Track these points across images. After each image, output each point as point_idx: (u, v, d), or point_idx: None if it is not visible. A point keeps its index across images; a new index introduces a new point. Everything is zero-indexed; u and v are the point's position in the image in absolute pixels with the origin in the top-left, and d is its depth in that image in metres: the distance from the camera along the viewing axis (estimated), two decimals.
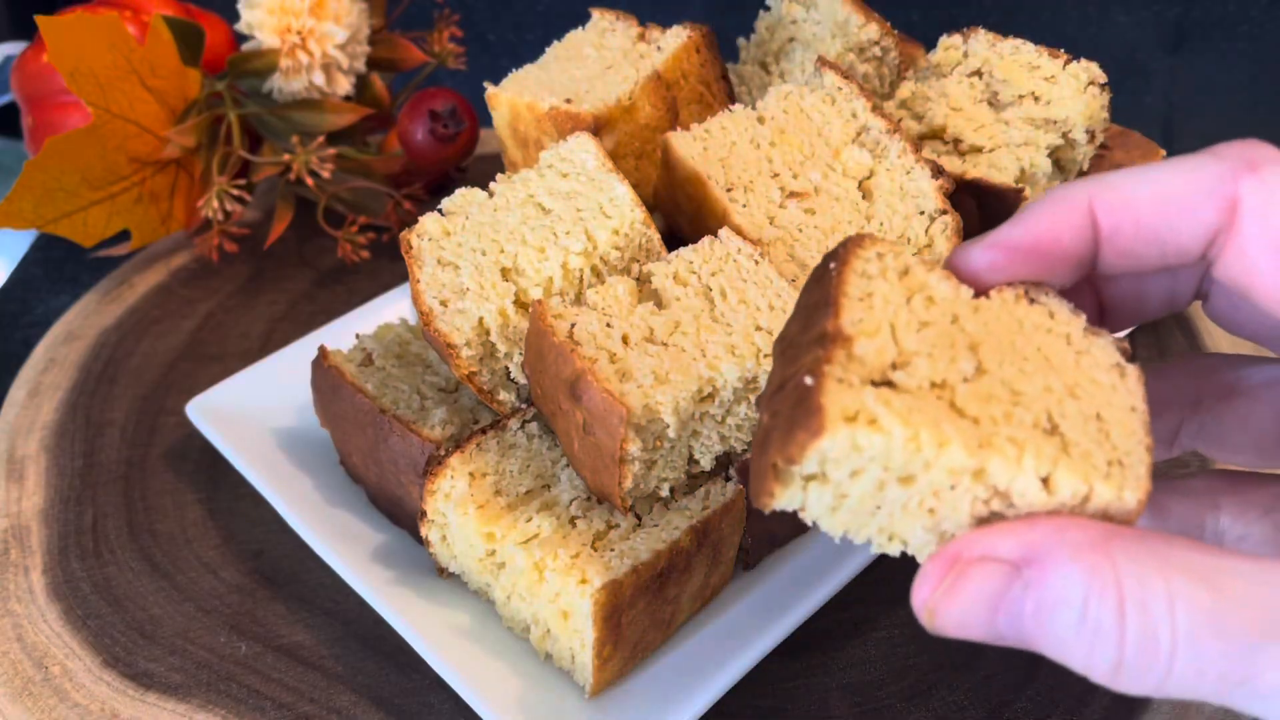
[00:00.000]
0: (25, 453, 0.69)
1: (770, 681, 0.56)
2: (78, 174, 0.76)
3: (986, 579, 0.32)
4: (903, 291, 0.36)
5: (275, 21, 0.80)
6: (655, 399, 0.49)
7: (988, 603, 0.32)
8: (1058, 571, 0.31)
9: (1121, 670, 0.31)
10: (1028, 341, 0.36)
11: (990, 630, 0.33)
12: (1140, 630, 0.30)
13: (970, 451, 0.32)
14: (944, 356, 0.35)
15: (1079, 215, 0.37)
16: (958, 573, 0.33)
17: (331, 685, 0.56)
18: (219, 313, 0.81)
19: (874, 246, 0.37)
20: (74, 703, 0.55)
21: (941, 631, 0.33)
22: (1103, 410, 0.35)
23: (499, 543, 0.53)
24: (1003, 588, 0.32)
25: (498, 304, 0.55)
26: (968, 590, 0.32)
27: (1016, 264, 0.38)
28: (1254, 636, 0.29)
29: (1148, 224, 0.36)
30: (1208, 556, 0.31)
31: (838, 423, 0.32)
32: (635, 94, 0.64)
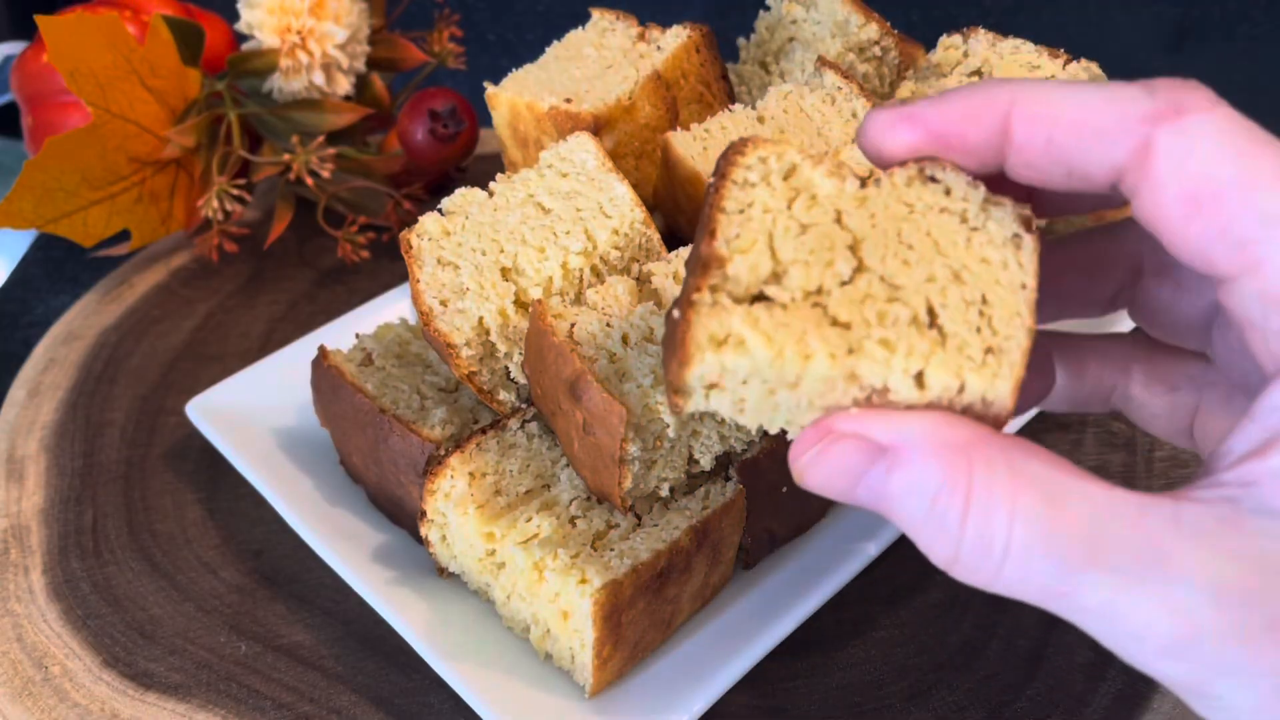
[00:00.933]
0: (25, 453, 0.69)
1: (770, 681, 0.56)
2: (78, 174, 0.76)
3: (852, 454, 0.35)
4: (785, 195, 0.37)
5: (275, 21, 0.80)
6: (655, 399, 0.49)
7: (850, 475, 0.35)
8: (918, 463, 0.34)
9: (956, 563, 0.34)
10: (916, 228, 0.37)
11: (850, 497, 0.35)
12: (978, 533, 0.33)
13: (836, 361, 0.34)
14: (820, 262, 0.36)
15: (994, 117, 0.37)
16: (828, 442, 0.35)
17: (331, 685, 0.56)
18: (219, 313, 0.81)
19: (756, 151, 0.37)
20: (74, 703, 0.55)
21: (807, 488, 0.36)
22: (988, 291, 0.36)
23: (499, 542, 0.53)
24: (866, 464, 0.34)
25: (497, 304, 0.55)
26: (833, 460, 0.35)
27: (918, 140, 0.38)
28: (1077, 559, 0.32)
29: (1059, 144, 0.36)
30: (1062, 476, 0.33)
31: (703, 352, 0.34)
32: (635, 94, 0.64)
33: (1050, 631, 0.58)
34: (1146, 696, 0.54)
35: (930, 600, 0.60)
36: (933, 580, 0.61)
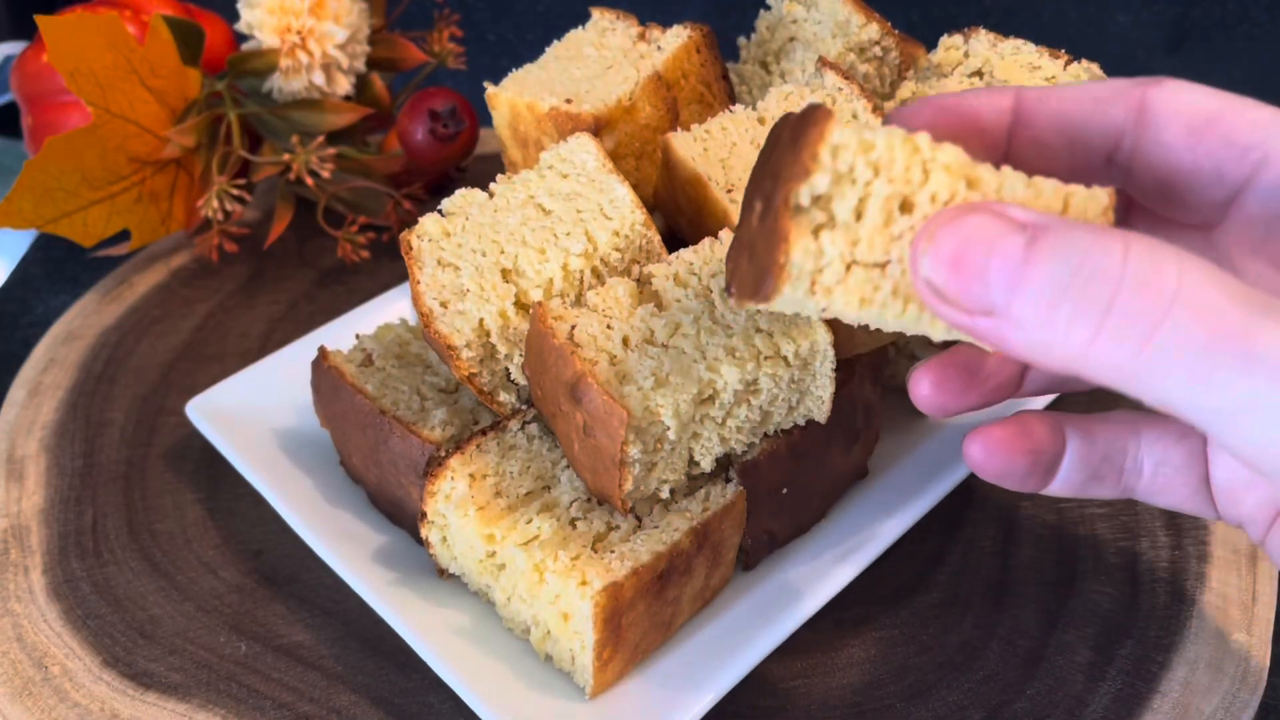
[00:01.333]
0: (25, 453, 0.69)
1: (770, 682, 0.56)
2: (77, 174, 0.76)
3: (992, 221, 0.33)
4: None
5: (275, 21, 0.80)
6: (655, 401, 0.49)
7: (987, 242, 0.33)
8: (1065, 231, 0.32)
9: (1104, 327, 0.31)
10: None
11: (978, 276, 0.33)
12: (1141, 273, 0.30)
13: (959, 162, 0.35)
14: None
15: (1004, 99, 0.41)
16: (965, 210, 0.34)
17: (331, 685, 0.56)
18: (219, 313, 0.81)
19: None
20: (74, 702, 0.55)
21: (929, 275, 0.34)
22: None
23: (499, 544, 0.53)
24: (1005, 232, 0.33)
25: (498, 305, 0.55)
26: (972, 224, 0.33)
27: (940, 121, 0.41)
28: (1258, 308, 0.30)
29: (1061, 113, 0.40)
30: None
31: (842, 123, 0.34)
32: (635, 94, 0.64)
33: (1050, 631, 0.58)
34: (1146, 697, 0.54)
35: (930, 600, 0.60)
36: (933, 580, 0.61)
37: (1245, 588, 0.59)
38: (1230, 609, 0.58)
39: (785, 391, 0.53)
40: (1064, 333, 0.32)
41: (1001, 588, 0.60)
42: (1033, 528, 0.63)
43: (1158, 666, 0.56)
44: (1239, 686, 0.55)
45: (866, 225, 0.35)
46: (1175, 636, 0.57)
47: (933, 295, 0.34)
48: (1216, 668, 0.55)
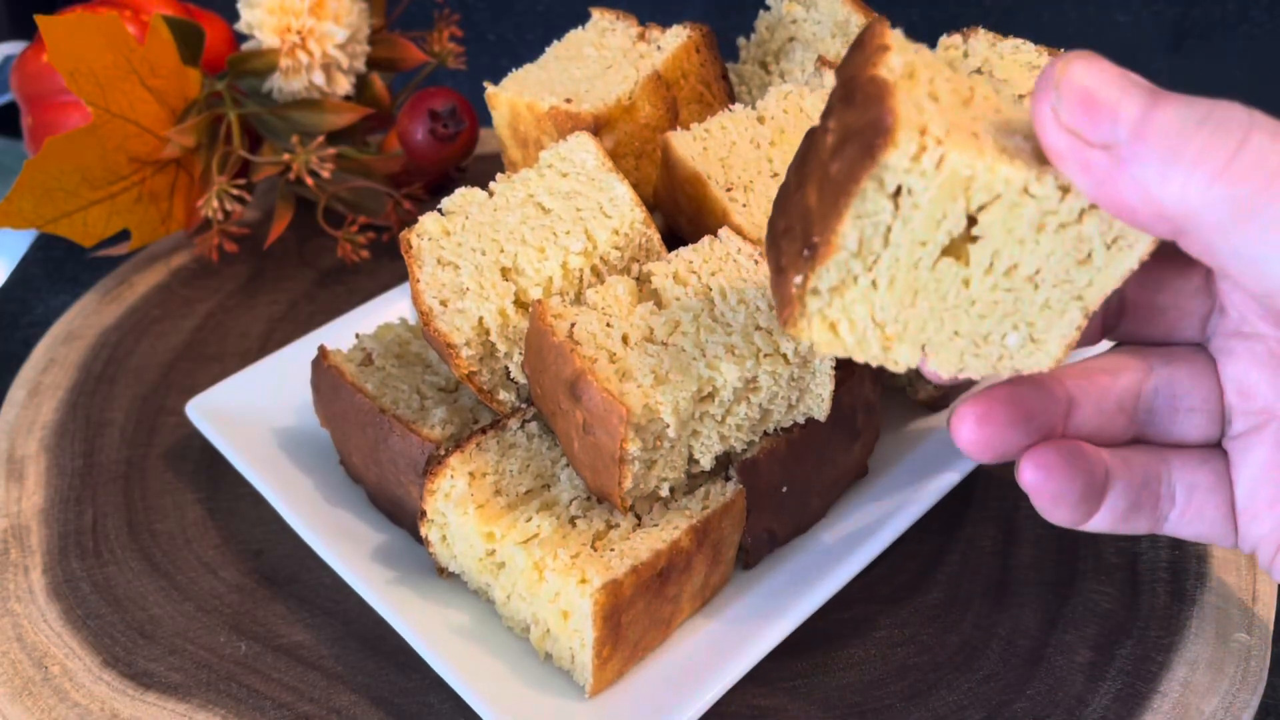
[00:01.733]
0: (25, 452, 0.69)
1: (770, 681, 0.56)
2: (77, 174, 0.76)
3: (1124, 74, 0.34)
4: None
5: (275, 21, 0.80)
6: (655, 399, 0.49)
7: (1120, 84, 0.34)
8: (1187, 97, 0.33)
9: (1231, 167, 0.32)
10: None
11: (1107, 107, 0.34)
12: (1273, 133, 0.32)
13: None
14: None
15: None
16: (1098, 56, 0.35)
17: (331, 685, 0.56)
18: (219, 312, 0.81)
19: None
20: (74, 702, 0.55)
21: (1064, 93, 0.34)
22: None
23: (499, 542, 0.53)
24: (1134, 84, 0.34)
25: (497, 304, 0.55)
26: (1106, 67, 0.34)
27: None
28: None
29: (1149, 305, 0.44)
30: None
31: None
32: (635, 94, 0.64)
33: (1050, 631, 0.58)
34: (1146, 697, 0.54)
35: (930, 600, 0.60)
36: (933, 580, 0.61)
37: (1245, 587, 0.59)
38: (1230, 609, 0.58)
39: (785, 389, 0.53)
40: (1187, 169, 0.33)
41: (1001, 587, 0.60)
42: (1033, 528, 0.63)
43: (1158, 666, 0.56)
44: (1239, 687, 0.54)
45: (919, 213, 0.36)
46: (1175, 636, 0.57)
47: (1054, 125, 0.35)
48: (1217, 668, 0.55)
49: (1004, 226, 0.37)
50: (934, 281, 0.38)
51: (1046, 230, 0.37)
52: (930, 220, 0.37)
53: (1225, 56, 1.05)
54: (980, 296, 0.39)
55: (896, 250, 0.38)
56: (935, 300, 0.39)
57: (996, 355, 0.40)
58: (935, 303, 0.39)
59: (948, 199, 0.36)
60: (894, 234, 0.37)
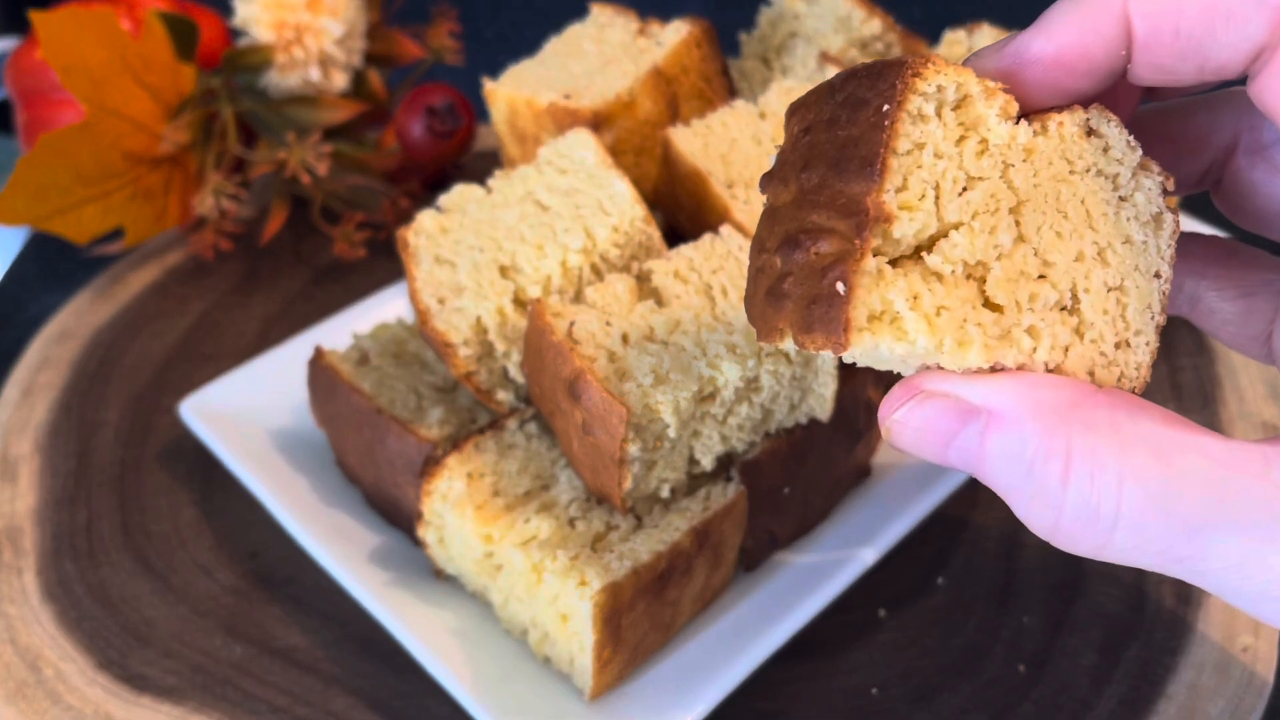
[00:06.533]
0: (19, 453, 0.69)
1: (772, 684, 0.55)
2: (71, 171, 0.75)
3: (944, 415, 0.33)
4: (956, 133, 0.34)
5: (271, 16, 0.80)
6: (655, 399, 0.48)
7: (941, 436, 0.33)
8: (1013, 426, 0.32)
9: (1058, 532, 0.32)
10: (1073, 192, 0.35)
11: (942, 459, 0.34)
12: (1082, 499, 0.31)
13: (987, 353, 0.32)
14: (986, 229, 0.34)
15: (1112, 22, 0.34)
16: (918, 401, 0.33)
17: (328, 688, 0.56)
18: (214, 311, 0.80)
19: (934, 77, 0.33)
20: (67, 705, 0.55)
21: (898, 448, 0.35)
22: (1127, 278, 0.35)
23: (497, 544, 0.52)
24: (958, 425, 0.33)
25: (496, 302, 0.55)
26: (923, 420, 0.33)
27: (1038, 82, 0.35)
28: (1198, 518, 0.30)
29: (1188, 31, 0.33)
30: (1173, 431, 0.31)
31: (862, 334, 0.31)
32: (635, 89, 0.64)
33: (1055, 635, 0.57)
34: (1152, 700, 0.54)
35: (934, 603, 0.59)
36: (937, 582, 0.60)
37: None
38: (1236, 612, 0.58)
39: (787, 389, 0.52)
40: (1028, 517, 0.33)
41: (1006, 590, 0.60)
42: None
43: (1164, 670, 0.55)
44: (1245, 690, 0.54)
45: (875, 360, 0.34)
46: (1181, 640, 0.56)
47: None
48: (1223, 671, 0.55)
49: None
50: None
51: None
52: None
53: None
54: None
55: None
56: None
57: None
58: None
59: None
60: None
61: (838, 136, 0.33)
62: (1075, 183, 0.35)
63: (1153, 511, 0.30)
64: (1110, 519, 0.31)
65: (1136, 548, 0.31)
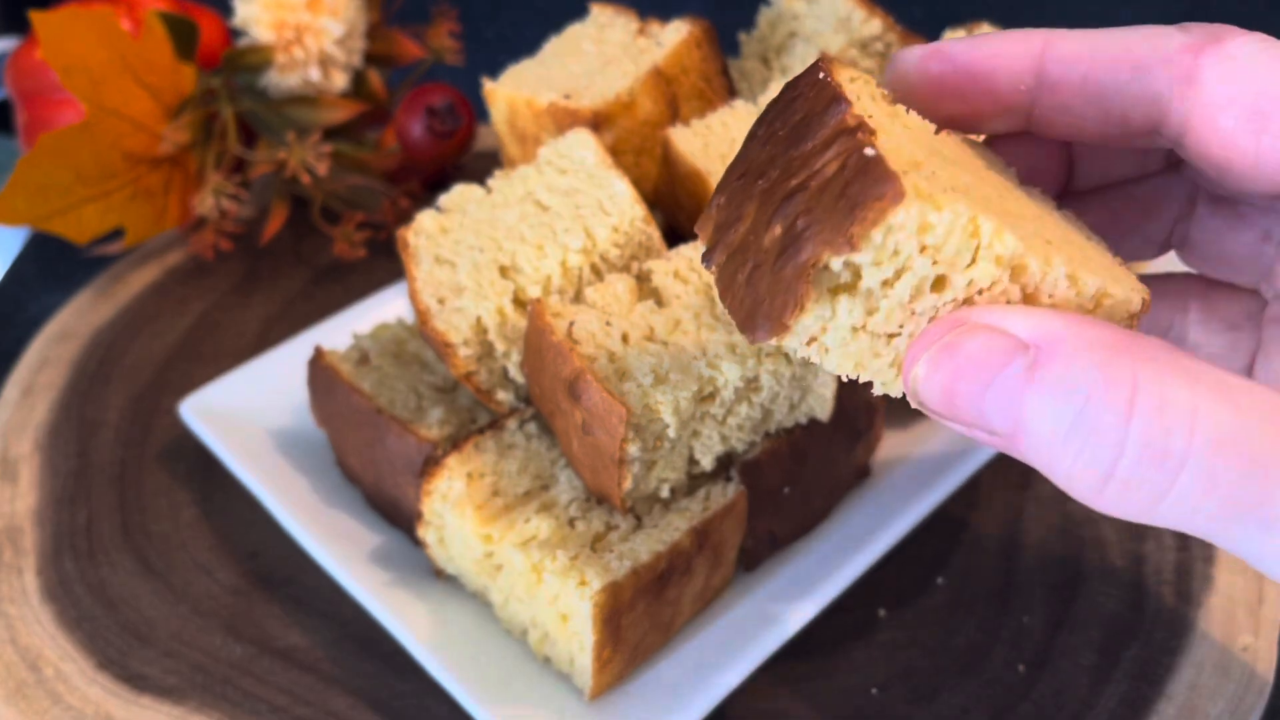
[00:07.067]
0: (19, 453, 0.68)
1: (772, 684, 0.55)
2: (71, 171, 0.75)
3: (988, 347, 0.30)
4: (885, 110, 0.34)
5: (271, 16, 0.79)
6: (655, 398, 0.48)
7: (982, 372, 0.29)
8: (1070, 359, 0.28)
9: (1110, 482, 0.28)
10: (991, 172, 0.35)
11: (974, 409, 0.30)
12: (1148, 433, 0.28)
13: (1014, 242, 0.31)
14: (948, 166, 0.33)
15: (1027, 57, 0.35)
16: (959, 334, 0.30)
17: (328, 688, 0.56)
18: (214, 311, 0.80)
19: (845, 70, 0.34)
20: (68, 705, 0.55)
21: (923, 400, 0.31)
22: (1070, 234, 0.35)
23: (497, 544, 0.52)
24: (1004, 360, 0.29)
25: (495, 302, 0.54)
26: (964, 354, 0.30)
27: (947, 74, 0.36)
28: (1272, 456, 0.27)
29: (1095, 80, 0.35)
30: (1228, 375, 0.29)
31: (911, 194, 0.29)
32: (635, 89, 0.64)
33: (1055, 635, 0.57)
34: (1152, 700, 0.54)
35: (934, 603, 0.59)
36: (937, 582, 0.60)
37: (1252, 590, 0.59)
38: (1237, 611, 0.58)
39: (787, 389, 0.52)
40: (1073, 471, 0.29)
41: (1006, 590, 0.60)
42: (1037, 529, 0.62)
43: (1164, 669, 0.55)
44: (1245, 689, 0.54)
45: (891, 299, 0.31)
46: (1181, 639, 0.56)
47: (931, 412, 0.32)
48: (1223, 670, 0.55)
49: None
50: None
51: None
52: None
53: None
54: None
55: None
56: None
57: None
58: None
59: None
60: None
61: (790, 123, 0.33)
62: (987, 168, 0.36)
63: (1226, 447, 0.27)
64: (1179, 458, 0.28)
65: (1200, 494, 0.28)
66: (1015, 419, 0.29)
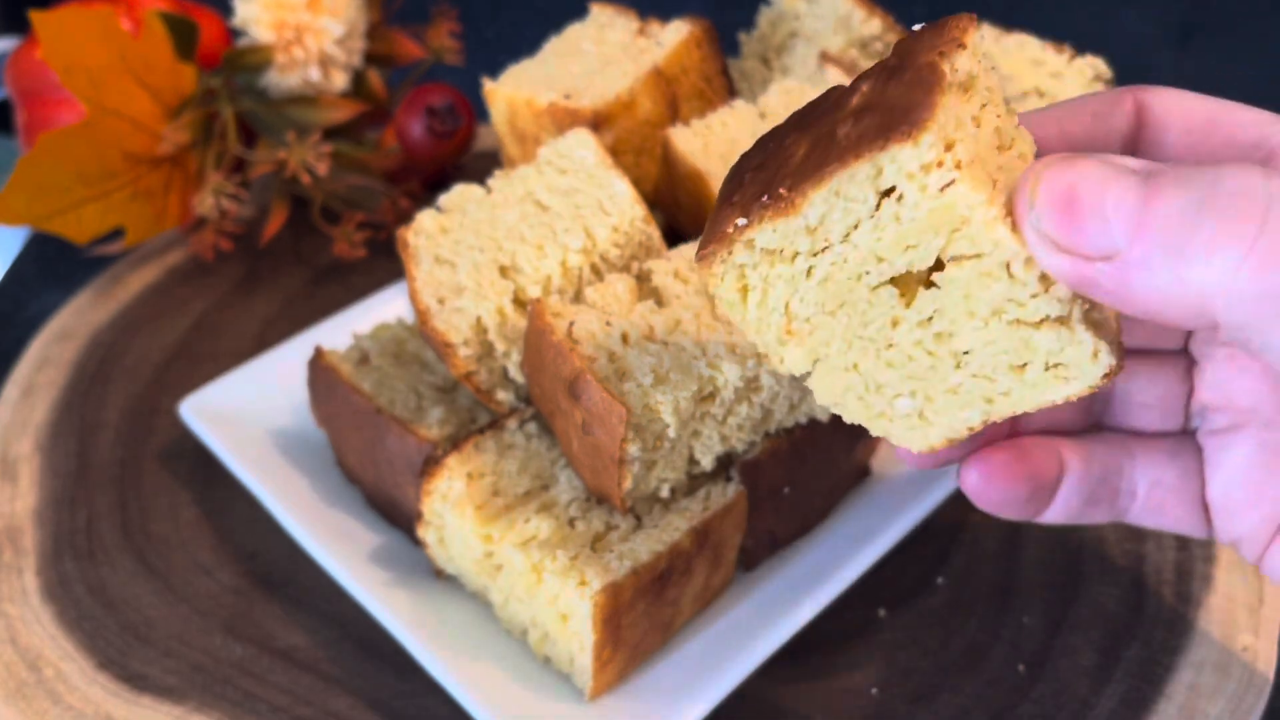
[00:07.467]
0: (19, 453, 0.68)
1: (772, 684, 0.55)
2: (72, 170, 0.75)
3: (1104, 162, 0.31)
4: None
5: (271, 16, 0.79)
6: (655, 398, 0.48)
7: (1102, 178, 0.30)
8: (1186, 170, 0.30)
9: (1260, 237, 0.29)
10: None
11: (1093, 212, 0.30)
12: None
13: None
14: None
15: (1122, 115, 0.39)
16: (1072, 155, 0.32)
17: (328, 688, 0.56)
18: (213, 311, 0.80)
19: None
20: (68, 705, 0.55)
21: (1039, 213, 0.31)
22: None
23: (497, 544, 0.52)
24: (1119, 173, 0.30)
25: (495, 302, 0.54)
26: (1085, 163, 0.31)
27: None
28: None
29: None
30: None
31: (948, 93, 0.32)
32: (635, 89, 0.64)
33: (1055, 634, 0.57)
34: (1152, 700, 0.54)
35: (934, 603, 0.59)
36: (936, 582, 0.60)
37: (1251, 590, 0.59)
38: (1236, 611, 0.58)
39: (787, 389, 0.52)
40: (1202, 262, 0.29)
41: (1006, 590, 0.60)
42: (1037, 530, 0.62)
43: (1163, 669, 0.55)
44: (1245, 689, 0.54)
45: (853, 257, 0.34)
46: (1181, 639, 0.56)
47: (1045, 245, 0.32)
48: (1223, 670, 0.55)
49: (965, 291, 0.33)
50: (867, 304, 0.35)
51: (1002, 318, 0.34)
52: (901, 240, 0.33)
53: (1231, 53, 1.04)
54: (901, 344, 0.35)
55: (851, 251, 0.34)
56: (856, 322, 0.36)
57: (877, 411, 0.37)
58: (855, 325, 0.36)
59: (931, 230, 0.33)
60: (858, 234, 0.34)
61: None
62: None
63: None
64: None
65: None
66: (1140, 217, 0.30)
